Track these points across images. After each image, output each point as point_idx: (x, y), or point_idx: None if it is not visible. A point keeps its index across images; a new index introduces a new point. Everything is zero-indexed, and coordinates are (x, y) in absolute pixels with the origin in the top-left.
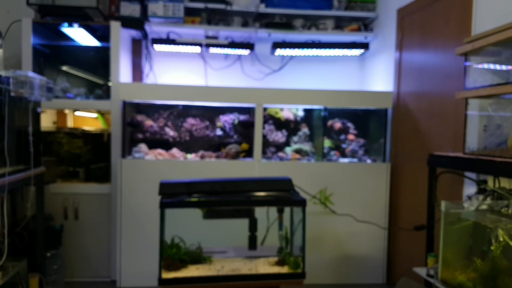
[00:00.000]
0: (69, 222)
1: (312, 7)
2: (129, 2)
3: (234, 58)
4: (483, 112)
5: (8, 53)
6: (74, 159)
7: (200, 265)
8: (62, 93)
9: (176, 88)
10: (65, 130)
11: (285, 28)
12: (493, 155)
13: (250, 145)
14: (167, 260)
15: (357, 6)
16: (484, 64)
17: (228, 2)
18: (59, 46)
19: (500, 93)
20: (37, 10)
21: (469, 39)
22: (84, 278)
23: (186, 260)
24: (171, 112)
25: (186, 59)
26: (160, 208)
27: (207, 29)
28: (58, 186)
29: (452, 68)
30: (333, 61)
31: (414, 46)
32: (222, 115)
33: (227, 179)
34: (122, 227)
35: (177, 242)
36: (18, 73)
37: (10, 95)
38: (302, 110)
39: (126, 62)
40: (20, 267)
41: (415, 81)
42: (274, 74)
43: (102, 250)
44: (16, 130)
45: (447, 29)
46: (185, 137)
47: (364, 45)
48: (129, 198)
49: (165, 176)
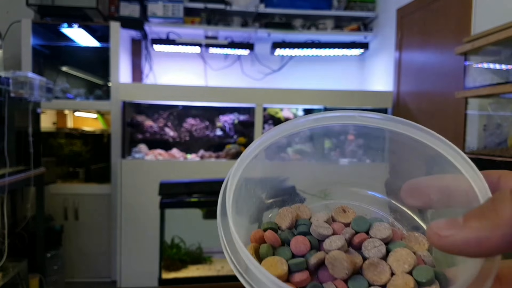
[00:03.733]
0: (69, 222)
1: (312, 7)
2: (129, 2)
3: (233, 58)
4: (483, 112)
5: (7, 53)
6: (74, 159)
7: (200, 265)
8: (62, 94)
9: (176, 88)
10: (65, 131)
11: (285, 28)
12: (493, 154)
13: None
14: (167, 260)
15: (356, 6)
16: (483, 63)
17: (228, 2)
18: (58, 47)
19: (499, 92)
20: (36, 11)
21: (469, 39)
22: (84, 278)
23: (186, 260)
24: (171, 113)
25: (186, 59)
26: (160, 208)
27: (207, 29)
28: (58, 187)
29: (452, 67)
30: (332, 61)
31: (414, 45)
32: (222, 115)
33: None
34: (122, 227)
35: (177, 242)
36: (17, 73)
37: (10, 95)
38: (302, 110)
39: (125, 63)
40: (20, 267)
41: (415, 81)
42: (274, 74)
43: (102, 251)
44: (16, 131)
45: (447, 28)
46: (185, 137)
47: (364, 45)
48: (129, 199)
49: (165, 176)
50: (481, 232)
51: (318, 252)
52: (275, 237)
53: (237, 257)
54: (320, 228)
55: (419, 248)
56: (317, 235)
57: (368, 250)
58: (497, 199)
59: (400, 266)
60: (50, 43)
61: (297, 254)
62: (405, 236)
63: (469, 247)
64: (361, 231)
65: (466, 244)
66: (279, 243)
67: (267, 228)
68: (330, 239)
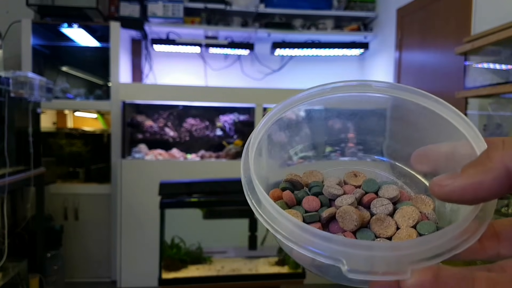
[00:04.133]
0: (69, 222)
1: (312, 7)
2: (129, 2)
3: (233, 58)
4: (483, 112)
5: (7, 53)
6: (74, 159)
7: (200, 265)
8: (62, 94)
9: (176, 88)
10: (65, 131)
11: (285, 28)
12: None
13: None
14: (167, 260)
15: (356, 6)
16: (483, 63)
17: (228, 2)
18: (58, 47)
19: (500, 92)
20: (36, 11)
21: (469, 39)
22: (84, 278)
23: (186, 260)
24: (171, 113)
25: (186, 59)
26: (160, 209)
27: (207, 29)
28: (58, 187)
29: (452, 67)
30: (332, 61)
31: (414, 45)
32: (222, 115)
33: (227, 179)
34: (122, 227)
35: (177, 242)
36: (17, 73)
37: (10, 95)
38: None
39: (125, 63)
40: (20, 267)
41: (415, 81)
42: (273, 74)
43: (102, 251)
44: (16, 131)
45: (447, 28)
46: (185, 137)
47: (364, 45)
48: (129, 199)
49: (165, 176)
50: (476, 177)
51: (330, 207)
52: (291, 196)
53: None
54: (332, 188)
55: (425, 208)
56: (328, 194)
57: (376, 207)
58: (490, 148)
59: (405, 221)
60: (50, 43)
61: (310, 210)
62: (412, 197)
63: (466, 192)
64: (370, 191)
65: (463, 190)
66: (294, 203)
67: (285, 188)
68: (341, 198)
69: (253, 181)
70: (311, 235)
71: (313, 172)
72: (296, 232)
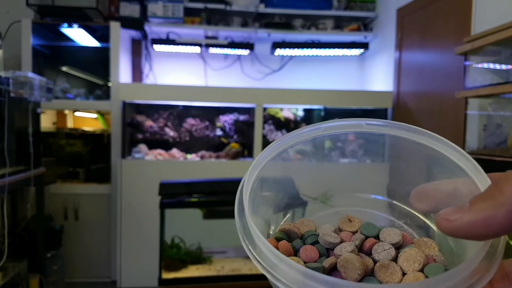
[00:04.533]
0: (69, 222)
1: (312, 7)
2: (129, 2)
3: (233, 58)
4: (483, 112)
5: (7, 53)
6: (74, 159)
7: (200, 265)
8: (62, 94)
9: (176, 88)
10: (65, 131)
11: (285, 28)
12: (493, 154)
13: (242, 145)
14: (167, 260)
15: (356, 6)
16: (483, 63)
17: (228, 2)
18: (58, 47)
19: (499, 92)
20: (36, 11)
21: (469, 39)
22: (84, 278)
23: (186, 260)
24: (171, 113)
25: (186, 59)
26: (160, 208)
27: (207, 29)
28: (58, 187)
29: (452, 67)
30: (333, 61)
31: (414, 45)
32: (222, 115)
33: (227, 179)
34: (122, 227)
35: (177, 242)
36: (17, 73)
37: (10, 95)
38: (302, 110)
39: (125, 63)
40: (20, 267)
41: (415, 81)
42: (273, 74)
43: (102, 251)
44: (16, 131)
45: (447, 28)
46: (185, 137)
47: (364, 45)
48: (129, 199)
49: (165, 176)
50: (487, 212)
51: (329, 257)
52: (288, 246)
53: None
54: (328, 236)
55: (429, 251)
56: (324, 243)
57: (378, 253)
58: (500, 180)
59: (411, 265)
60: (50, 43)
61: (308, 261)
62: (415, 241)
63: (476, 227)
64: (370, 235)
65: (473, 225)
66: (292, 254)
67: (280, 238)
68: (340, 246)
69: (250, 226)
70: (323, 284)
71: (304, 221)
72: (303, 281)
